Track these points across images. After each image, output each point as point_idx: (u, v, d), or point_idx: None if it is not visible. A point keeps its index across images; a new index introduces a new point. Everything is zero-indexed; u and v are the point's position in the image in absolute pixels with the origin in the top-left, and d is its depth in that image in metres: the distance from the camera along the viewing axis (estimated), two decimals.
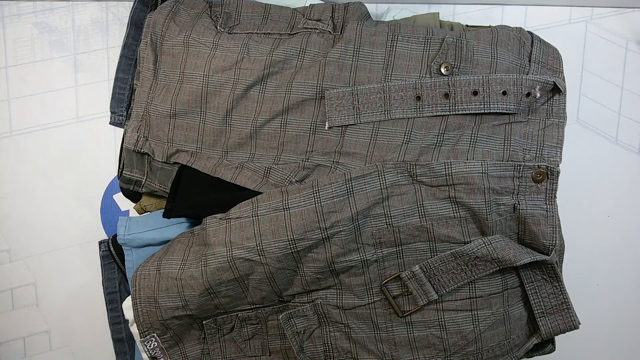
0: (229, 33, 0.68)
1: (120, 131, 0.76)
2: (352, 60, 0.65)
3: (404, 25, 0.67)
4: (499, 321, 0.65)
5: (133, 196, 0.69)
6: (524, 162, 0.63)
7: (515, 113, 0.64)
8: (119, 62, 0.70)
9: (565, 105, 0.65)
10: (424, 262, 0.63)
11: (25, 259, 0.82)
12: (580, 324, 0.65)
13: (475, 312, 0.64)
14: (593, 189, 0.82)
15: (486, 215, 0.62)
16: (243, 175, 0.65)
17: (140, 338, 0.66)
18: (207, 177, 0.66)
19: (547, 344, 0.69)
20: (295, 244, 0.62)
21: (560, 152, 0.64)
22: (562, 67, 0.68)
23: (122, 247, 0.68)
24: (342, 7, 0.69)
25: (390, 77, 0.64)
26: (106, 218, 0.82)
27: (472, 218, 0.63)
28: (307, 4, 0.71)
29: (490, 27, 0.69)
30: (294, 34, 0.67)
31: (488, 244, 0.62)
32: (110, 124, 0.70)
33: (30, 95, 0.81)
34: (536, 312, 0.65)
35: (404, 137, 0.63)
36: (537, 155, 0.64)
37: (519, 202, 0.63)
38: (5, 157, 0.81)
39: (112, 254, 0.69)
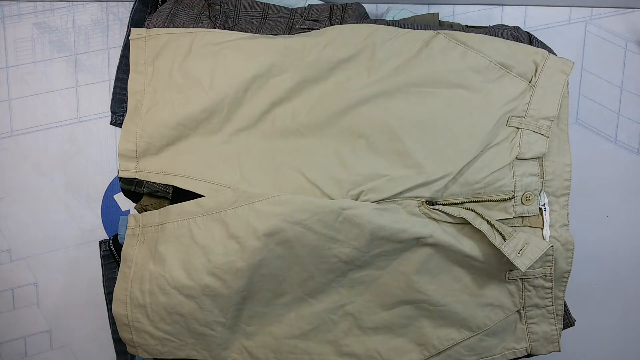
0: None
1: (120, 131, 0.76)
2: None
3: (401, 24, 0.67)
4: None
5: (134, 196, 0.69)
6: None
7: None
8: (119, 63, 0.70)
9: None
10: None
11: (25, 258, 0.82)
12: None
13: None
14: (592, 189, 0.82)
15: None
16: None
17: None
18: None
19: None
20: None
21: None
22: None
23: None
24: (340, 8, 0.69)
25: None
26: (107, 218, 0.82)
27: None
28: (306, 5, 0.71)
29: (488, 27, 0.69)
30: (293, 35, 0.67)
31: None
32: (110, 124, 0.70)
33: (30, 95, 0.81)
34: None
35: None
36: None
37: None
38: (5, 157, 0.81)
39: (113, 253, 0.69)
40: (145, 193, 0.68)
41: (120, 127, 0.70)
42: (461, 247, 0.63)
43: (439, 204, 0.63)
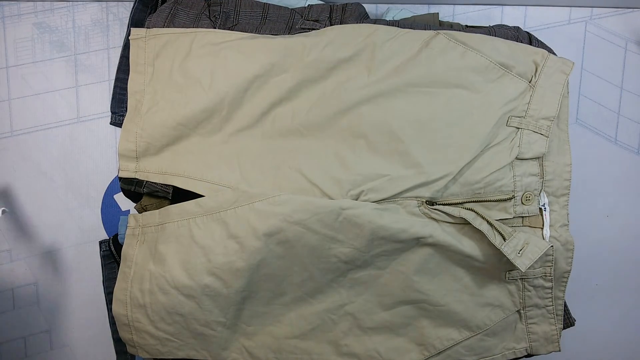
0: None
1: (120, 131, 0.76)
2: None
3: (401, 24, 0.67)
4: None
5: (134, 196, 0.69)
6: None
7: None
8: (119, 63, 0.70)
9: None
10: None
11: (25, 258, 0.82)
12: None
13: None
14: (592, 189, 0.82)
15: None
16: None
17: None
18: None
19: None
20: None
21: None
22: None
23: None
24: (339, 8, 0.69)
25: None
26: (107, 218, 0.82)
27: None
28: (306, 5, 0.71)
29: (488, 27, 0.69)
30: (292, 35, 0.67)
31: None
32: (110, 124, 0.70)
33: (30, 95, 0.81)
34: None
35: None
36: None
37: None
38: (5, 157, 0.81)
39: (113, 253, 0.69)
40: (145, 193, 0.68)
41: (120, 127, 0.70)
42: (461, 247, 0.63)
43: (439, 204, 0.63)
